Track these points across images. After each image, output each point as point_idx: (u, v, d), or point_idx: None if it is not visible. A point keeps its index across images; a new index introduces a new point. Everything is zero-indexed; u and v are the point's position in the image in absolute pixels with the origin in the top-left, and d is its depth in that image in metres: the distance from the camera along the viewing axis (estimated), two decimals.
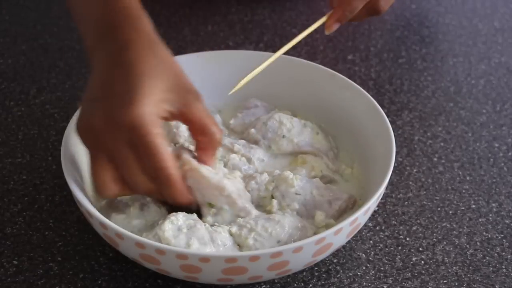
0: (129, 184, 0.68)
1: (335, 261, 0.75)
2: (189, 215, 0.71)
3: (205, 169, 0.70)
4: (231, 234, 0.71)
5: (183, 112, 0.68)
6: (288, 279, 0.73)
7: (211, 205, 0.71)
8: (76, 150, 0.75)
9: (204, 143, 0.71)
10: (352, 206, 0.75)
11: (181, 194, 0.68)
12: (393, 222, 0.79)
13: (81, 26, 0.74)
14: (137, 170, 0.66)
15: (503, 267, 0.75)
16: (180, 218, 0.69)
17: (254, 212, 0.72)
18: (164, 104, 0.67)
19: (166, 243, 0.67)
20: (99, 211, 0.71)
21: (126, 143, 0.66)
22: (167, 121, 0.69)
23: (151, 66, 0.67)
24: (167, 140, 0.68)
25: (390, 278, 0.74)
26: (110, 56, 0.69)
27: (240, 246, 0.70)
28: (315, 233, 0.71)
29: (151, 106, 0.65)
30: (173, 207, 0.70)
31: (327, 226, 0.73)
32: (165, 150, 0.66)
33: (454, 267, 0.75)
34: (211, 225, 0.71)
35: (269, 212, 0.74)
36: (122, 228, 0.67)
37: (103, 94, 0.67)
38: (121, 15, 0.71)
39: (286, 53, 0.81)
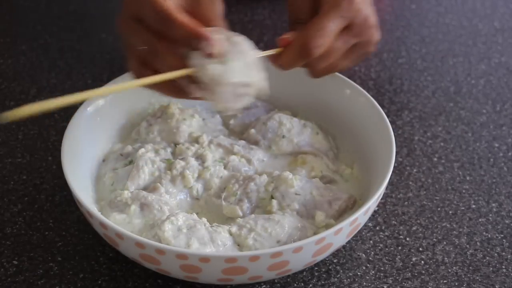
0: (150, 55, 0.67)
1: (335, 261, 0.75)
2: (189, 215, 0.71)
3: None
4: (231, 234, 0.71)
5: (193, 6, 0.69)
6: (288, 279, 0.73)
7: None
8: (76, 150, 0.75)
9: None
10: (352, 206, 0.75)
11: (189, 25, 0.66)
12: (393, 222, 0.79)
13: None
14: (154, 37, 0.67)
15: (503, 267, 0.75)
16: (180, 218, 0.70)
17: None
18: None
19: (166, 243, 0.67)
20: (99, 211, 0.71)
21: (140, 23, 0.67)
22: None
23: None
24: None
25: (390, 278, 0.74)
26: None
27: (239, 246, 0.70)
28: (315, 233, 0.72)
29: None
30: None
31: (327, 226, 0.73)
32: (173, 10, 0.66)
33: (454, 267, 0.75)
34: (211, 226, 0.71)
35: (269, 212, 0.74)
36: (122, 228, 0.67)
37: None
38: None
39: None
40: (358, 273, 0.74)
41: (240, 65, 0.68)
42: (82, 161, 0.76)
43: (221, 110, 0.68)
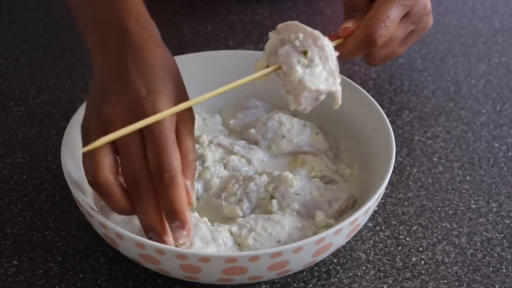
0: (128, 178, 0.66)
1: (335, 261, 0.75)
2: (191, 213, 0.71)
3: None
4: (231, 233, 0.71)
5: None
6: (288, 279, 0.73)
7: (305, 53, 0.68)
8: (76, 150, 0.75)
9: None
10: (352, 206, 0.75)
11: (181, 198, 0.65)
12: (393, 222, 0.79)
13: (83, 23, 0.75)
14: (142, 162, 0.65)
15: (503, 267, 0.75)
16: None
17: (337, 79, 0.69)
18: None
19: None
20: (99, 211, 0.71)
21: (138, 134, 0.65)
22: None
23: (163, 67, 0.68)
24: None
25: (390, 278, 0.74)
26: (121, 53, 0.69)
27: (240, 246, 0.70)
28: (315, 233, 0.72)
29: (169, 104, 0.66)
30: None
31: (327, 226, 0.73)
32: (177, 150, 0.65)
33: (454, 267, 0.75)
34: (212, 225, 0.71)
35: (269, 212, 0.74)
36: (122, 228, 0.67)
37: (119, 87, 0.67)
38: (128, 14, 0.71)
39: None
40: (358, 273, 0.74)
41: (326, 71, 0.69)
42: (82, 161, 0.76)
43: (293, 109, 0.70)
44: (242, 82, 0.69)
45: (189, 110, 0.69)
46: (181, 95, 0.69)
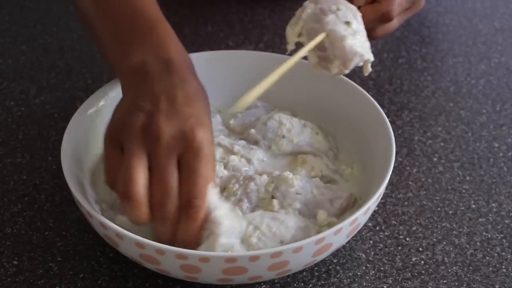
0: (156, 198, 0.66)
1: (335, 261, 0.75)
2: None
3: None
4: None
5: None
6: (288, 279, 0.73)
7: (348, 24, 0.75)
8: (76, 150, 0.75)
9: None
10: (352, 204, 0.76)
11: (197, 232, 0.67)
12: (393, 222, 0.79)
13: (107, 39, 0.75)
14: (174, 185, 0.66)
15: (503, 267, 0.75)
16: None
17: None
18: None
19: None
20: (101, 212, 0.71)
21: (177, 156, 0.66)
22: None
23: (205, 101, 0.71)
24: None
25: (390, 278, 0.74)
26: (167, 79, 0.69)
27: (243, 242, 0.70)
28: (318, 233, 0.71)
29: (212, 138, 0.68)
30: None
31: (330, 225, 0.73)
32: (213, 181, 0.67)
33: (454, 267, 0.75)
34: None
35: (270, 211, 0.73)
36: (128, 230, 0.67)
37: (169, 111, 0.67)
38: (170, 41, 0.73)
39: (286, 53, 0.81)
40: (358, 273, 0.74)
41: (367, 41, 0.76)
42: (82, 161, 0.76)
43: (335, 73, 0.76)
44: (298, 57, 0.74)
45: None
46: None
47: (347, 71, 0.75)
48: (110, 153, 0.68)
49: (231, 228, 0.68)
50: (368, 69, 0.76)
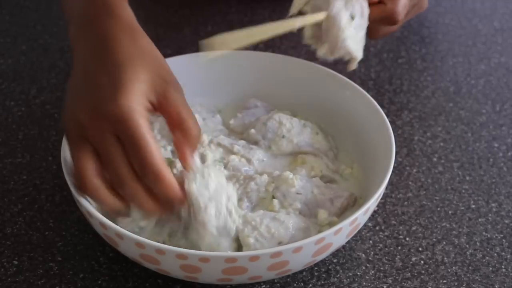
0: (114, 181, 0.66)
1: (335, 261, 0.75)
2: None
3: None
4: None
5: (161, 102, 0.67)
6: (288, 279, 0.73)
7: (352, 18, 0.75)
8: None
9: (180, 138, 0.68)
10: (353, 203, 0.76)
11: (172, 188, 0.65)
12: (393, 222, 0.79)
13: (66, 17, 0.74)
14: (124, 164, 0.65)
15: (503, 267, 0.75)
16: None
17: None
18: (147, 95, 0.66)
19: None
20: (104, 215, 0.71)
21: (113, 135, 0.65)
22: (151, 112, 0.67)
23: (132, 55, 0.66)
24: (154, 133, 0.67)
25: (390, 278, 0.74)
26: (90, 46, 0.68)
27: (240, 242, 0.70)
28: (319, 232, 0.71)
29: (137, 97, 0.65)
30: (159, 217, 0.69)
31: (330, 224, 0.73)
32: (154, 143, 0.64)
33: (453, 267, 0.75)
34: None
35: (270, 211, 0.73)
36: (130, 230, 0.67)
37: (86, 86, 0.66)
38: (101, 4, 0.70)
39: (286, 53, 0.81)
40: (358, 273, 0.74)
41: (362, 39, 0.77)
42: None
43: (322, 56, 0.76)
44: (291, 24, 0.74)
45: (171, 83, 0.67)
46: (160, 77, 0.67)
47: (332, 58, 0.76)
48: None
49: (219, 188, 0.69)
50: (353, 66, 0.77)
